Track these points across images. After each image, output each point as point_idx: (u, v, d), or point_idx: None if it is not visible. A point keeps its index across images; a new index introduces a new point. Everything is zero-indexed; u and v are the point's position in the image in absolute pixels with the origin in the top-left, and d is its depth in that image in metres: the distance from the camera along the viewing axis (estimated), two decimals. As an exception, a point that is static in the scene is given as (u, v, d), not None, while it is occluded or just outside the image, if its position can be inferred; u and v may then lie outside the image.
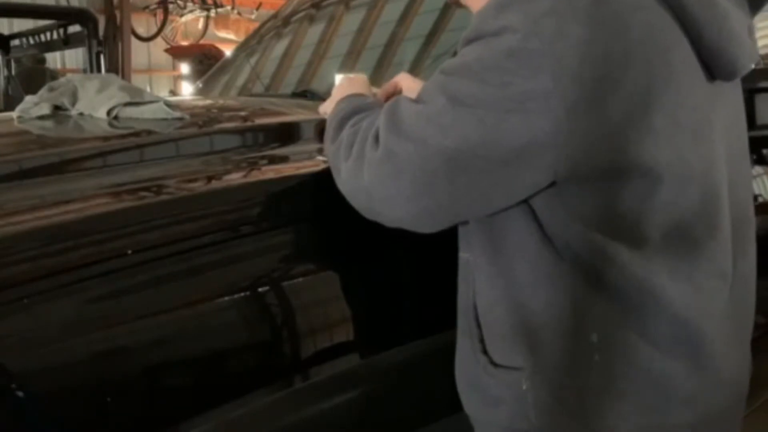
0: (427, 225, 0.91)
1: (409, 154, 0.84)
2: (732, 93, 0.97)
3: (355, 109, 1.03)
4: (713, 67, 0.89)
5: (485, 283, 0.94)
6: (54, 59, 8.19)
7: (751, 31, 0.94)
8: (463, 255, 0.98)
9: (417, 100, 0.89)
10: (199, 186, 1.11)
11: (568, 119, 0.80)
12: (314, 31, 2.24)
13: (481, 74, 0.82)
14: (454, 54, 0.89)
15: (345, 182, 0.95)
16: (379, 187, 0.88)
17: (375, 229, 0.94)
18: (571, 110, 0.79)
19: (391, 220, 0.91)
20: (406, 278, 1.15)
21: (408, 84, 1.17)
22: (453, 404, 1.02)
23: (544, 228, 0.87)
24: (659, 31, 0.85)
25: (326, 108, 1.18)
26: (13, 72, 5.94)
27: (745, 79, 1.16)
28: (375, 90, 1.20)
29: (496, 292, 0.92)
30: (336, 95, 1.13)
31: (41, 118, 1.55)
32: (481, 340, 0.95)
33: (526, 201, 0.87)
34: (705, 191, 0.88)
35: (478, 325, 0.95)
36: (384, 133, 0.87)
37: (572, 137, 0.80)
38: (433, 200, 0.86)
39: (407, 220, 0.90)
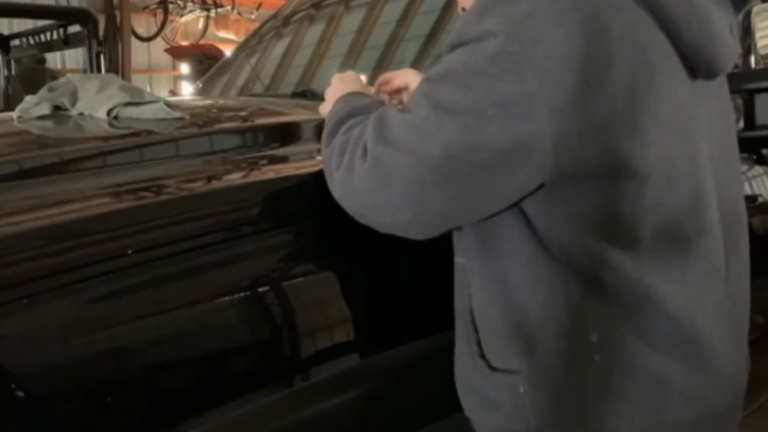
0: (419, 232, 0.92)
1: (397, 163, 0.84)
2: (716, 90, 0.98)
3: (350, 112, 1.02)
4: (694, 66, 0.90)
5: (480, 288, 0.94)
6: (54, 59, 8.18)
7: (732, 29, 0.95)
8: (458, 260, 0.99)
9: (404, 109, 0.89)
10: (199, 186, 1.11)
11: (552, 121, 0.80)
12: (314, 31, 2.24)
13: (463, 80, 0.83)
14: None
15: (337, 189, 0.95)
16: (368, 197, 0.88)
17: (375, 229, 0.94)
18: (554, 112, 0.80)
19: (382, 226, 0.92)
20: (405, 278, 1.15)
21: (411, 79, 1.17)
22: (453, 405, 1.02)
23: (537, 231, 0.88)
24: (639, 31, 0.85)
25: (324, 109, 1.18)
26: (13, 72, 5.94)
27: (745, 79, 1.16)
28: (370, 88, 1.20)
29: (491, 295, 0.93)
30: (331, 96, 1.12)
31: (41, 118, 1.55)
32: (479, 344, 0.95)
33: (517, 204, 0.88)
34: (692, 189, 0.89)
35: (475, 329, 0.96)
36: (372, 143, 0.88)
37: (557, 139, 0.81)
38: (423, 208, 0.86)
39: (399, 228, 0.91)
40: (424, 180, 0.84)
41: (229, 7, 10.15)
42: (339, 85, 1.13)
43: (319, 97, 1.42)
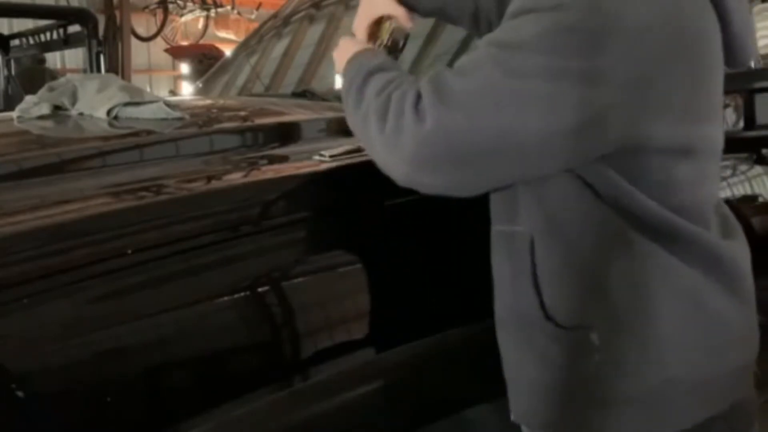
0: (469, 191, 0.93)
1: (462, 127, 0.84)
2: None
3: (370, 71, 1.00)
4: (733, 56, 0.96)
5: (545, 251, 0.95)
6: (54, 59, 8.18)
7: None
8: (507, 228, 0.99)
9: (465, 73, 0.88)
10: (199, 186, 1.11)
11: (621, 97, 0.83)
12: (314, 31, 2.24)
13: (537, 50, 0.83)
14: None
15: (381, 153, 0.93)
16: (423, 158, 0.87)
17: (374, 228, 0.94)
18: (628, 86, 0.83)
19: (432, 187, 0.91)
20: (406, 276, 1.15)
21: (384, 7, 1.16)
22: (454, 404, 1.02)
23: (593, 189, 0.91)
24: (705, 19, 0.90)
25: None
26: (13, 72, 5.93)
27: (745, 79, 1.16)
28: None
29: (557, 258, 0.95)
30: (340, 57, 1.08)
31: (41, 118, 1.55)
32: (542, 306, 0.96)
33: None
34: (717, 163, 0.98)
35: (538, 293, 0.96)
36: (432, 106, 0.86)
37: (623, 114, 0.84)
38: (482, 170, 0.88)
39: (451, 187, 0.91)
40: (488, 145, 0.85)
41: (229, 7, 10.14)
42: (345, 46, 1.10)
43: (319, 97, 1.43)
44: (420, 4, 1.20)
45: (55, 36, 5.79)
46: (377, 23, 1.15)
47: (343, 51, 1.08)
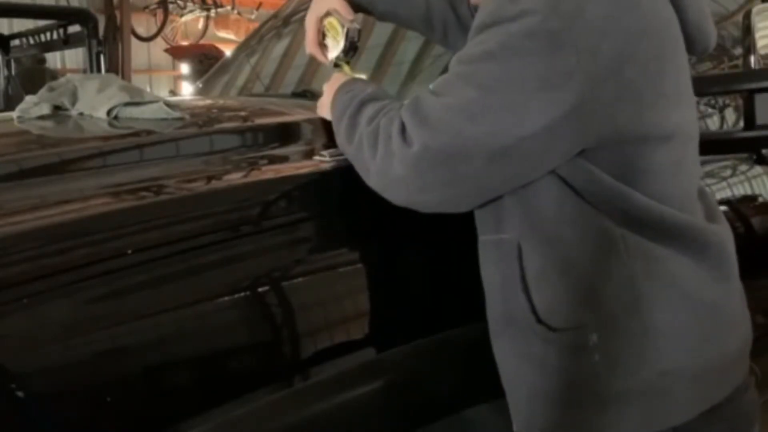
0: (464, 206, 0.97)
1: (445, 145, 0.88)
2: None
3: (362, 100, 1.04)
4: (692, 42, 0.99)
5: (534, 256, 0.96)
6: (54, 59, 8.18)
7: None
8: (493, 237, 1.00)
9: (439, 94, 0.91)
10: (199, 186, 1.11)
11: (592, 91, 0.85)
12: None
13: (504, 58, 0.86)
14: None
15: (376, 179, 0.98)
16: (415, 180, 0.91)
17: (374, 227, 0.94)
18: (593, 83, 0.85)
19: (430, 206, 0.96)
20: (406, 276, 1.15)
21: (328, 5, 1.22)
22: (456, 403, 1.02)
23: (574, 188, 0.93)
24: (661, 6, 0.94)
25: (323, 104, 1.19)
26: (13, 72, 5.93)
27: (745, 79, 1.17)
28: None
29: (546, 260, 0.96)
30: (330, 90, 1.15)
31: (41, 118, 1.55)
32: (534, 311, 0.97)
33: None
34: (695, 147, 1.01)
35: (529, 299, 0.97)
36: (414, 129, 0.90)
37: (596, 107, 0.86)
38: (472, 184, 0.91)
39: (446, 204, 0.96)
40: (473, 159, 0.88)
41: (229, 7, 10.14)
42: (336, 78, 1.16)
43: (319, 97, 1.43)
44: (374, 7, 1.29)
45: (55, 36, 5.78)
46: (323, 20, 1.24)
47: (334, 83, 1.14)
